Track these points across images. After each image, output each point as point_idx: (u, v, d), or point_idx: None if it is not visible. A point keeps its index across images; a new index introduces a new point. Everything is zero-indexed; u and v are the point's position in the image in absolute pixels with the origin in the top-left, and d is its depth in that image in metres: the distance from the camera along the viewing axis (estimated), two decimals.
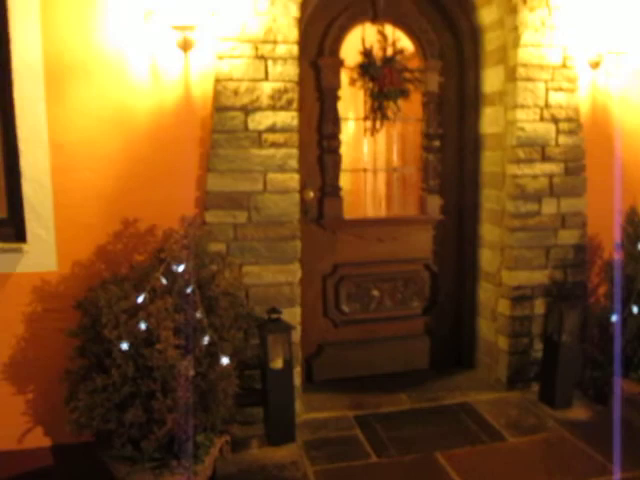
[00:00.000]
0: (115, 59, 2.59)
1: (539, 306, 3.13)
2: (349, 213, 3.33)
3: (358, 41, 3.17)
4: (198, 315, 2.30)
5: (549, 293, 3.11)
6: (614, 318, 2.94)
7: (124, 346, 2.17)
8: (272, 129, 2.72)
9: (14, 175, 2.61)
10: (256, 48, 2.65)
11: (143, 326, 2.19)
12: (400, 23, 3.21)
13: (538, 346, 3.15)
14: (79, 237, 2.65)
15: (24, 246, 2.62)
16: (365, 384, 3.26)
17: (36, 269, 2.64)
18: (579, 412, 2.99)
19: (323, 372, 3.31)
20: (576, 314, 2.97)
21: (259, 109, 2.69)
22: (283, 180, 2.77)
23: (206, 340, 2.28)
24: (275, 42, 2.66)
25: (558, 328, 2.96)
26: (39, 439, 2.75)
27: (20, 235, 2.65)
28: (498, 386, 3.23)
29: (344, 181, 3.27)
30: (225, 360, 2.29)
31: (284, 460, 2.54)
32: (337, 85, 3.14)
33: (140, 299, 2.25)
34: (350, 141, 3.38)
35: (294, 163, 2.78)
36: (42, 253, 2.64)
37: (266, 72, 2.68)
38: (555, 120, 3.06)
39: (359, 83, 3.18)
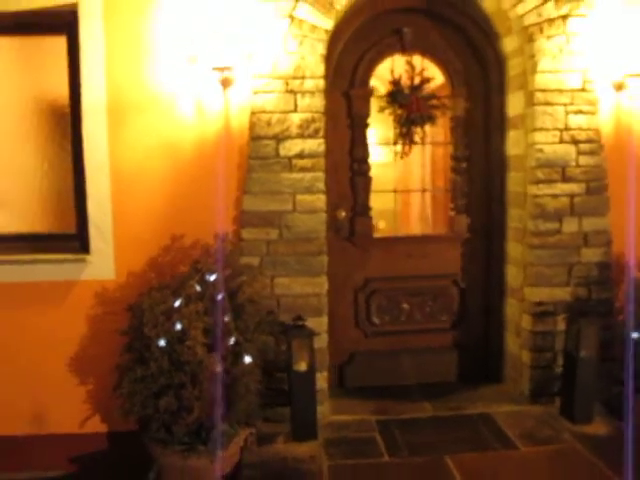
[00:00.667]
0: (165, 98, 3.05)
1: (562, 322, 3.25)
2: (381, 230, 3.62)
3: (388, 71, 3.48)
4: (226, 319, 2.66)
5: (572, 309, 3.23)
6: (635, 335, 3.03)
7: (161, 343, 2.56)
8: (300, 155, 3.07)
9: (81, 197, 3.13)
10: (286, 83, 3.03)
11: (178, 326, 2.58)
12: (428, 54, 3.49)
13: (561, 361, 3.26)
14: (134, 250, 3.11)
15: (88, 257, 3.12)
16: (392, 392, 3.49)
17: (97, 277, 3.13)
18: (599, 427, 3.07)
19: (354, 379, 3.58)
20: (594, 330, 3.07)
21: (289, 137, 3.06)
22: (311, 201, 3.11)
23: (232, 341, 2.64)
24: (303, 77, 3.03)
25: (576, 344, 3.08)
26: (97, 425, 3.22)
27: (85, 248, 3.16)
28: (521, 399, 3.36)
29: (375, 201, 3.56)
30: (248, 359, 2.64)
31: (304, 455, 2.83)
32: (367, 113, 3.45)
33: (177, 303, 2.64)
34: (381, 164, 3.66)
35: (321, 185, 3.11)
36: (102, 263, 3.13)
37: (295, 104, 3.05)
38: (575, 142, 3.21)
39: (388, 110, 3.47)
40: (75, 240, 3.21)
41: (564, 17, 3.16)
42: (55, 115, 3.28)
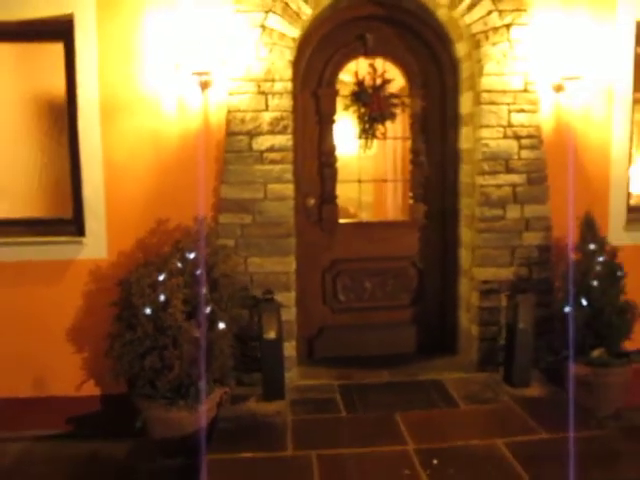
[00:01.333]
0: (151, 98, 3.49)
1: (505, 299, 3.70)
2: (347, 216, 4.06)
3: (352, 73, 3.92)
4: (203, 291, 3.12)
5: (515, 287, 3.68)
6: (567, 309, 3.49)
7: (147, 311, 3.02)
8: (271, 149, 3.52)
9: (77, 186, 3.57)
10: (258, 85, 3.47)
11: (162, 297, 3.04)
12: (389, 57, 3.93)
13: (505, 334, 3.72)
14: (124, 232, 3.56)
15: (83, 239, 3.58)
16: (356, 362, 3.94)
17: (91, 257, 3.59)
18: (534, 391, 3.52)
19: (322, 351, 4.03)
20: (531, 305, 3.52)
21: (261, 133, 3.50)
22: (280, 190, 3.56)
23: (208, 310, 3.09)
24: (273, 80, 3.47)
25: (515, 317, 3.54)
26: (91, 389, 3.69)
27: (81, 231, 3.61)
28: (470, 368, 3.82)
29: (341, 190, 4.01)
30: (222, 325, 3.09)
31: (272, 411, 3.29)
32: (333, 111, 3.88)
33: (161, 277, 3.09)
34: (347, 156, 4.10)
35: (289, 176, 3.56)
36: (96, 245, 3.58)
37: (266, 104, 3.49)
38: (517, 137, 3.65)
39: (353, 108, 3.92)
40: (72, 224, 3.66)
41: (507, 26, 3.60)
42: (53, 113, 3.72)
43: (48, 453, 3.54)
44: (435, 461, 2.72)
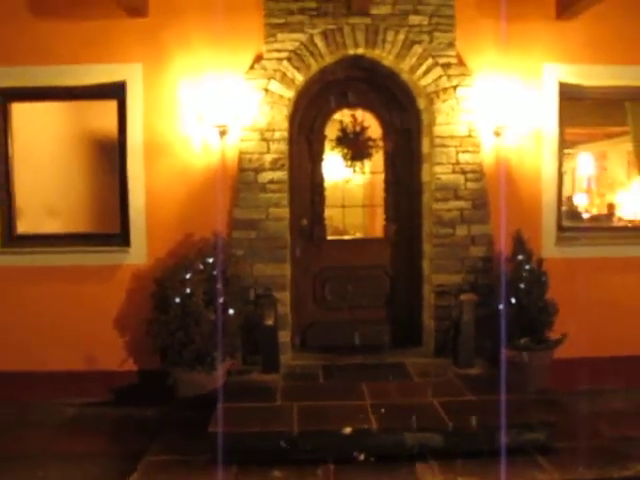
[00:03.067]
0: (182, 141, 4.81)
1: (454, 299, 4.85)
2: (333, 234, 5.29)
3: (338, 122, 5.18)
4: (219, 286, 4.34)
5: (462, 290, 4.83)
6: (500, 307, 4.62)
7: (177, 300, 4.25)
8: (271, 182, 4.79)
9: (125, 207, 4.87)
10: (262, 134, 4.76)
11: (188, 290, 4.27)
12: (367, 108, 5.19)
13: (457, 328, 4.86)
14: (159, 244, 4.84)
15: (129, 249, 4.86)
16: (339, 350, 5.11)
17: (134, 262, 4.87)
18: (475, 370, 4.65)
19: (313, 340, 5.22)
20: (472, 304, 4.67)
21: (264, 170, 4.78)
22: (278, 212, 4.82)
23: (221, 300, 4.32)
24: (273, 130, 4.76)
25: (460, 313, 4.68)
26: (130, 365, 4.92)
27: (127, 242, 4.90)
28: (428, 355, 4.97)
29: (329, 213, 5.23)
30: (231, 311, 4.32)
31: (268, 380, 4.49)
32: (322, 151, 5.15)
33: (187, 276, 4.33)
34: (333, 186, 5.33)
35: (285, 202, 4.82)
36: (138, 253, 4.87)
37: (268, 148, 4.77)
38: (464, 172, 4.86)
39: (337, 150, 5.17)
40: (120, 238, 4.96)
41: (454, 87, 4.85)
42: (108, 152, 5.06)
43: (95, 415, 4.79)
44: (382, 410, 3.88)
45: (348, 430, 3.62)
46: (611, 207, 9.46)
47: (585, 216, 10.49)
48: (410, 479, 3.40)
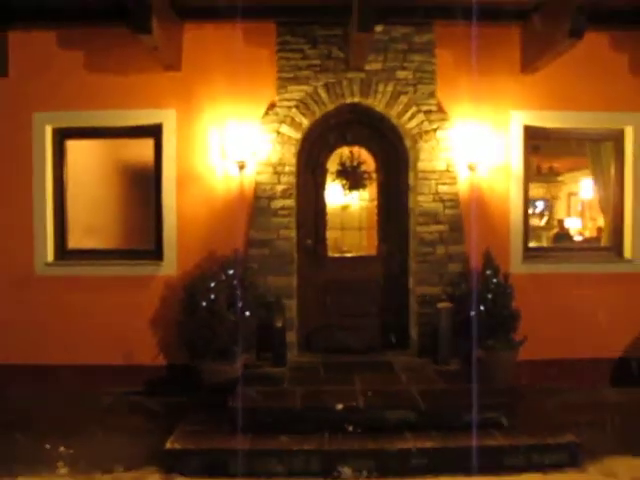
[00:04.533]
0: (208, 173, 5.92)
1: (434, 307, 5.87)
2: (334, 252, 6.35)
3: (338, 157, 6.27)
4: (238, 293, 5.40)
5: (441, 300, 5.84)
6: (472, 314, 5.63)
7: (203, 303, 5.30)
8: (282, 208, 5.88)
9: (160, 228, 5.97)
10: (274, 168, 5.86)
11: (212, 296, 5.32)
12: (363, 146, 6.29)
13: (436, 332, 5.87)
14: (188, 258, 5.92)
15: (162, 263, 5.95)
16: (337, 350, 6.13)
17: (166, 273, 5.96)
18: (451, 367, 5.66)
19: (316, 343, 6.24)
20: (449, 312, 5.68)
21: (275, 197, 5.87)
22: (287, 234, 5.90)
23: (240, 304, 5.37)
24: (284, 165, 5.86)
25: (439, 320, 5.70)
26: (160, 359, 5.97)
27: (160, 257, 5.99)
28: (414, 355, 5.98)
29: (331, 234, 6.30)
30: (247, 313, 5.36)
31: (277, 371, 5.52)
32: (324, 183, 6.25)
33: (212, 284, 5.39)
34: (334, 212, 6.40)
35: (293, 225, 5.91)
36: (170, 266, 5.95)
37: (279, 180, 5.87)
38: (442, 200, 5.93)
39: (337, 181, 6.26)
40: (154, 253, 6.06)
41: (435, 129, 5.94)
42: (146, 180, 6.16)
43: (133, 401, 5.82)
44: (369, 393, 4.89)
45: (340, 407, 4.65)
46: (599, 230, 10.47)
47: (578, 239, 11.55)
48: (388, 444, 4.40)
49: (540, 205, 13.59)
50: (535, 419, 4.92)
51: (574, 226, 12.32)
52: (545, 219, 11.30)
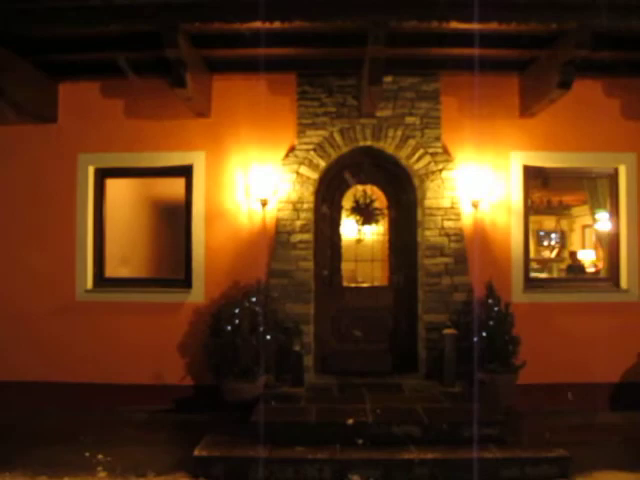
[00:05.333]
0: (233, 210, 6.60)
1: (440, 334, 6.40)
2: (348, 282, 6.94)
3: (352, 195, 6.91)
4: (260, 318, 6.00)
5: (447, 326, 6.37)
6: (475, 339, 6.14)
7: (228, 328, 5.91)
8: (300, 242, 6.51)
9: (189, 259, 6.63)
10: (294, 205, 6.52)
11: (236, 321, 5.93)
12: (375, 185, 6.92)
13: (442, 356, 6.38)
14: (213, 286, 6.56)
15: (190, 291, 6.60)
16: (351, 373, 6.67)
17: (195, 301, 6.60)
18: (455, 389, 6.16)
19: (331, 366, 6.80)
20: (454, 338, 6.21)
21: (294, 232, 6.51)
22: (305, 265, 6.52)
23: (261, 329, 5.96)
24: (302, 202, 6.51)
25: (444, 345, 6.22)
26: (187, 380, 6.57)
27: (189, 286, 6.64)
28: (422, 378, 6.50)
29: (346, 266, 6.90)
30: (268, 337, 5.95)
31: (295, 391, 6.08)
32: (339, 218, 6.89)
33: (236, 311, 6.00)
34: (349, 245, 7.01)
35: (310, 257, 6.54)
36: (198, 294, 6.59)
37: (298, 216, 6.52)
38: (448, 235, 6.51)
39: (351, 217, 6.89)
40: (184, 282, 6.71)
41: (440, 170, 6.56)
42: (178, 215, 6.85)
43: (163, 418, 6.41)
44: (378, 411, 5.42)
45: (351, 421, 5.19)
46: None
47: (591, 270, 11.97)
48: (394, 455, 4.92)
49: (554, 237, 14.05)
50: (531, 436, 5.39)
51: (588, 258, 12.74)
52: (555, 251, 11.75)
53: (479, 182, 6.53)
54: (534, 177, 6.89)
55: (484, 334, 6.13)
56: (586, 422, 6.19)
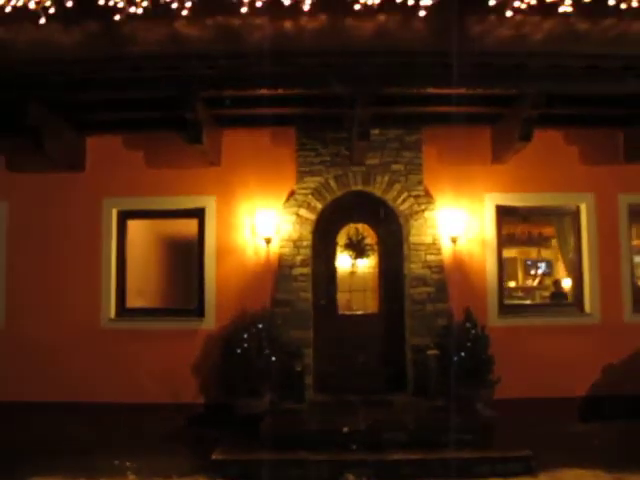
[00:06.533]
0: (241, 246, 7.61)
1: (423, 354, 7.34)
2: (343, 310, 7.90)
3: (346, 233, 7.92)
4: (265, 342, 6.94)
5: (430, 347, 7.31)
6: (455, 358, 7.08)
7: (238, 351, 6.84)
8: (301, 274, 7.52)
9: (202, 291, 7.61)
10: (294, 242, 7.54)
11: (245, 344, 6.87)
12: (366, 223, 7.95)
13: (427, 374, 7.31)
14: (223, 315, 7.52)
15: (203, 319, 7.57)
16: (347, 391, 7.57)
17: (207, 328, 7.56)
18: (438, 402, 7.04)
19: (328, 384, 7.70)
20: (435, 357, 7.15)
21: (295, 266, 7.51)
22: (305, 295, 7.51)
23: (267, 351, 6.89)
24: (302, 240, 7.53)
25: (427, 364, 7.16)
26: (200, 399, 7.48)
27: (202, 314, 7.61)
28: (410, 395, 7.41)
29: (341, 295, 7.87)
30: (273, 358, 6.88)
31: (296, 407, 6.98)
32: (335, 253, 7.89)
33: (245, 335, 6.95)
34: (344, 276, 7.99)
35: (309, 288, 7.54)
36: (209, 321, 7.55)
37: (298, 252, 7.53)
38: (430, 267, 7.51)
39: (345, 252, 7.90)
40: (197, 312, 7.68)
41: (423, 210, 7.60)
42: (191, 252, 7.84)
43: (177, 433, 7.29)
44: (370, 421, 6.34)
45: (346, 429, 6.11)
46: None
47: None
48: (383, 457, 5.83)
49: (541, 266, 15.05)
50: (502, 441, 6.30)
51: (568, 285, 13.74)
52: (538, 279, 12.73)
53: (457, 220, 7.57)
54: (506, 215, 7.93)
55: (463, 354, 7.07)
56: (555, 431, 7.10)
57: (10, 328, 7.67)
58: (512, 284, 11.81)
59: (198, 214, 7.77)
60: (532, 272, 13.88)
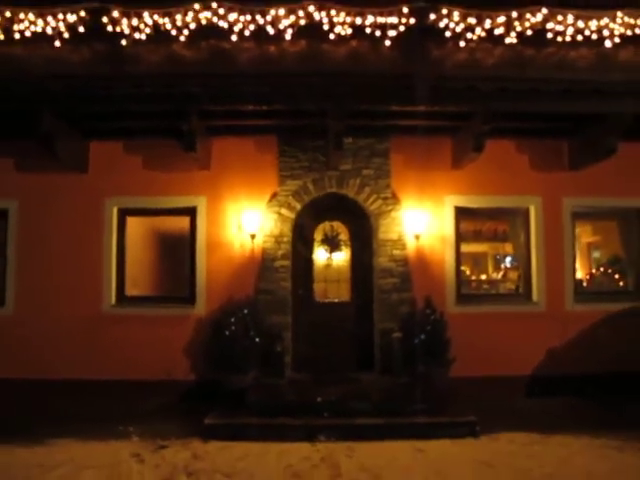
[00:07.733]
0: (229, 241, 8.64)
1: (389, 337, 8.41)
2: (319, 298, 8.95)
3: (322, 230, 8.96)
4: (250, 325, 7.96)
5: (395, 331, 8.38)
6: (416, 341, 8.16)
7: (226, 332, 7.86)
8: (281, 266, 8.57)
9: (193, 281, 8.62)
10: (275, 238, 8.58)
11: (233, 327, 7.89)
12: (341, 221, 9.01)
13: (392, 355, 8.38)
14: (212, 302, 8.54)
15: (194, 306, 8.58)
16: (322, 371, 8.62)
17: (197, 313, 8.59)
18: (402, 380, 8.12)
19: (305, 363, 8.73)
20: (399, 339, 8.22)
21: (277, 259, 8.55)
22: (284, 284, 8.55)
23: (251, 332, 7.92)
24: (283, 236, 8.57)
25: (392, 346, 8.23)
26: (191, 376, 8.50)
27: (193, 302, 8.63)
28: (377, 373, 8.48)
29: (317, 285, 8.91)
30: (257, 339, 7.91)
31: (277, 382, 8.01)
32: (312, 248, 8.93)
33: (232, 319, 7.96)
34: (319, 268, 9.03)
35: (288, 278, 8.57)
36: (200, 308, 8.57)
37: (279, 247, 8.58)
38: (395, 261, 8.58)
39: (321, 247, 8.94)
40: (189, 299, 8.68)
41: (390, 210, 8.67)
42: (184, 246, 8.84)
43: (171, 406, 8.30)
44: (340, 394, 7.39)
45: (319, 400, 7.17)
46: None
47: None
48: (350, 422, 6.90)
49: (508, 260, 16.26)
50: (453, 410, 7.40)
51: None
52: (502, 273, 13.89)
53: (420, 220, 8.64)
54: (463, 215, 9.02)
55: (423, 337, 8.15)
56: (501, 404, 8.21)
57: (20, 313, 8.63)
58: (483, 277, 12.89)
59: (190, 212, 8.76)
60: (502, 266, 15.08)
